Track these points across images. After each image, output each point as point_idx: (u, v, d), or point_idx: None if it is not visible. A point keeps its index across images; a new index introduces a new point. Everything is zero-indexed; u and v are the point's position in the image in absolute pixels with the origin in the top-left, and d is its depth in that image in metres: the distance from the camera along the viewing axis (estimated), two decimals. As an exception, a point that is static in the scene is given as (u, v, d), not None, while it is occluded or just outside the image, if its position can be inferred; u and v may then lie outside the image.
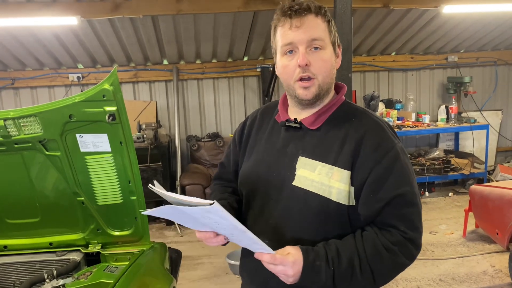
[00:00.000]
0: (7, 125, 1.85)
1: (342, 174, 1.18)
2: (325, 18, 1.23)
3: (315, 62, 1.19)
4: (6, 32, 4.55)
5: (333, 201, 1.18)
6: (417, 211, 1.20)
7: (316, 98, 1.23)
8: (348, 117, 1.26)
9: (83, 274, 1.90)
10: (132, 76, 5.80)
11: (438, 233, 4.59)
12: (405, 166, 1.20)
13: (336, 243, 1.17)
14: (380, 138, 1.21)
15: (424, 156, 6.10)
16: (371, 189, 1.17)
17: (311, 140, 1.26)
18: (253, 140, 1.41)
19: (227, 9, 4.36)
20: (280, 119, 1.34)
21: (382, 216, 1.18)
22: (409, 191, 1.18)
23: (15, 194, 2.10)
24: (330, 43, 1.22)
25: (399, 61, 6.42)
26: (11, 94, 5.73)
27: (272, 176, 1.28)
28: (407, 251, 1.17)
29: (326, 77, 1.22)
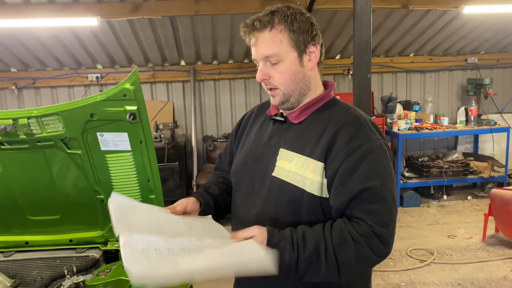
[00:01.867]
0: (30, 123, 1.88)
1: (316, 166, 1.22)
2: (283, 26, 1.22)
3: (274, 75, 1.26)
4: (28, 33, 4.64)
5: (306, 191, 1.22)
6: (387, 207, 1.18)
7: (283, 103, 1.31)
8: (330, 112, 1.30)
9: (103, 271, 1.91)
10: (150, 77, 5.86)
11: (457, 237, 4.52)
12: (378, 160, 1.21)
13: (304, 229, 1.18)
14: (355, 132, 1.22)
15: (442, 158, 6.02)
16: (340, 181, 1.19)
17: (293, 133, 1.32)
18: (246, 133, 1.49)
19: (244, 10, 4.37)
20: (270, 113, 1.42)
21: (350, 209, 1.19)
22: (378, 185, 1.18)
23: (36, 191, 2.13)
24: (290, 51, 1.23)
25: (417, 63, 6.34)
26: (32, 94, 5.84)
27: (257, 167, 1.35)
28: (373, 244, 1.16)
29: (289, 86, 1.27)
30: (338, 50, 5.99)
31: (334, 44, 5.79)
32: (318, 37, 1.29)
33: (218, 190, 1.54)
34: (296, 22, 1.23)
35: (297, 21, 1.23)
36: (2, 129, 1.86)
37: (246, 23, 1.25)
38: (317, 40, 1.27)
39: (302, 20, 1.24)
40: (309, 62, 1.28)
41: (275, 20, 1.21)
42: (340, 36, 5.54)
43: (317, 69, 1.32)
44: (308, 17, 1.27)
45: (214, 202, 1.48)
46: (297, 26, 1.23)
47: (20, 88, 5.75)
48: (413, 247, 4.28)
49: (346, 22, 5.12)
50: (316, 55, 1.28)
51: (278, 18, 1.21)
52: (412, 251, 4.20)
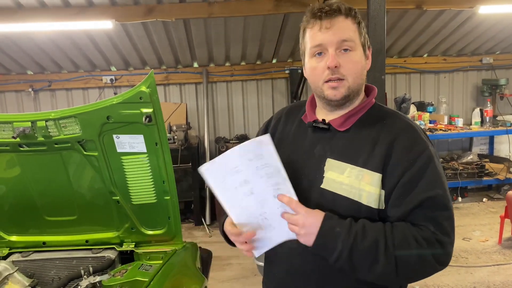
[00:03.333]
0: (48, 125, 1.92)
1: (373, 177, 1.15)
2: (355, 20, 1.21)
3: (345, 63, 1.18)
4: (44, 36, 4.72)
5: (363, 204, 1.16)
6: (449, 216, 1.15)
7: (345, 99, 1.21)
8: (379, 119, 1.24)
9: (119, 272, 1.94)
10: (164, 79, 5.91)
11: (472, 240, 4.46)
12: (438, 169, 1.17)
13: (364, 222, 1.14)
14: (413, 140, 1.18)
15: (457, 160, 5.95)
16: (402, 191, 1.14)
17: (339, 141, 1.23)
18: (278, 141, 1.34)
19: (258, 12, 4.39)
20: (307, 120, 1.32)
21: (411, 218, 1.14)
22: (441, 194, 1.14)
23: (54, 192, 2.17)
24: (360, 45, 1.21)
25: (431, 63, 6.28)
26: (48, 96, 5.94)
27: (300, 178, 1.24)
28: (435, 250, 1.11)
29: (356, 79, 1.20)
30: (351, 51, 5.95)
31: (347, 45, 5.75)
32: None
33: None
34: (363, 22, 1.24)
35: (363, 22, 1.25)
36: (21, 132, 1.90)
37: (326, 4, 1.19)
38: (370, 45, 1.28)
39: (364, 23, 1.26)
40: (368, 61, 1.26)
41: (352, 12, 1.20)
42: (353, 37, 5.50)
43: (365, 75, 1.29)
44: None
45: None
46: (363, 26, 1.24)
47: (37, 91, 5.84)
48: (427, 249, 4.24)
49: (359, 23, 5.10)
50: (370, 60, 1.27)
51: (353, 12, 1.21)
52: (427, 253, 4.15)
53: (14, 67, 5.62)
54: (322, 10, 1.19)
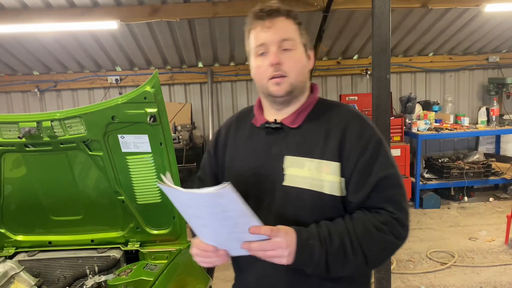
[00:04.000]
0: (53, 126, 1.93)
1: (331, 166, 1.21)
2: (296, 21, 1.26)
3: (286, 61, 1.23)
4: (50, 37, 4.74)
5: (326, 194, 1.21)
6: (403, 192, 1.24)
7: (288, 94, 1.25)
8: (327, 112, 1.30)
9: (124, 271, 1.95)
10: (168, 79, 5.92)
11: (478, 240, 4.43)
12: (388, 150, 1.26)
13: (327, 224, 1.18)
14: (361, 128, 1.24)
15: (463, 159, 5.92)
16: (359, 175, 1.20)
17: (294, 138, 1.27)
18: (231, 149, 1.39)
19: (262, 11, 4.38)
20: (258, 123, 1.34)
21: (371, 200, 1.20)
22: (394, 173, 1.23)
23: (59, 192, 2.18)
24: (301, 44, 1.26)
25: (437, 62, 6.25)
26: (54, 96, 5.97)
27: (261, 181, 1.27)
28: (396, 230, 1.19)
29: (298, 76, 1.25)
30: (355, 50, 5.95)
31: (352, 45, 5.75)
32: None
33: None
34: (303, 25, 1.29)
35: (303, 25, 1.29)
36: (27, 132, 1.91)
37: (266, 5, 1.24)
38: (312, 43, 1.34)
39: (304, 28, 1.31)
40: (310, 61, 1.31)
41: (291, 13, 1.26)
42: (358, 37, 5.50)
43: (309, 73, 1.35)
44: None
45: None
46: (304, 28, 1.29)
47: (42, 91, 5.88)
48: (433, 249, 4.22)
49: (364, 22, 5.08)
50: (312, 59, 1.32)
51: (293, 13, 1.26)
52: (432, 253, 4.14)
53: (20, 67, 5.65)
54: (263, 11, 1.24)
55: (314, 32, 4.91)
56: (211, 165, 1.46)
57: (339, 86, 6.30)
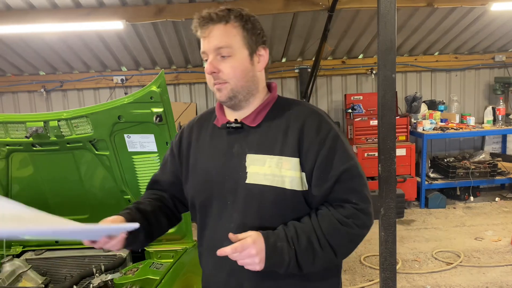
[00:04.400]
0: (60, 125, 1.95)
1: (291, 162, 1.24)
2: (238, 23, 1.24)
3: (224, 69, 1.24)
4: (56, 37, 4.77)
5: (287, 189, 1.24)
6: (364, 182, 1.28)
7: (230, 99, 1.28)
8: (285, 109, 1.33)
9: (130, 270, 1.96)
10: (174, 78, 5.93)
11: (484, 240, 4.41)
12: (346, 144, 1.29)
13: (294, 224, 1.23)
14: (319, 122, 1.28)
15: (468, 159, 5.88)
16: (320, 170, 1.24)
17: (254, 136, 1.30)
18: (195, 149, 1.41)
19: (267, 11, 4.38)
20: (219, 123, 1.36)
21: (334, 193, 1.24)
22: (353, 164, 1.26)
23: (66, 191, 2.19)
24: (243, 48, 1.25)
25: (442, 61, 6.22)
26: (60, 96, 6.00)
27: (225, 180, 1.30)
28: (360, 221, 1.24)
29: (239, 81, 1.25)
30: (360, 49, 5.93)
31: (357, 44, 5.74)
32: (267, 42, 1.33)
33: (150, 207, 1.42)
34: (250, 23, 1.26)
35: (251, 22, 1.26)
36: (34, 131, 1.93)
37: (201, 15, 1.25)
38: (266, 44, 1.32)
39: (254, 22, 1.28)
40: (259, 64, 1.30)
41: (231, 16, 1.24)
42: (363, 36, 5.48)
43: (264, 72, 1.34)
44: (258, 22, 1.30)
45: (144, 220, 1.35)
46: (250, 26, 1.26)
47: (49, 91, 5.91)
48: (438, 249, 4.21)
49: (369, 21, 5.07)
50: (265, 58, 1.31)
51: (234, 15, 1.24)
52: (438, 253, 4.12)
53: (26, 68, 5.69)
54: (200, 19, 1.25)
55: (319, 32, 4.91)
56: (173, 165, 1.47)
57: (344, 86, 6.29)
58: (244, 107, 1.32)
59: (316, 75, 5.47)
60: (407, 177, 5.42)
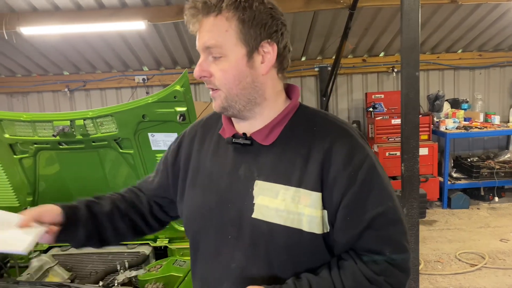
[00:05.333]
0: (86, 124, 1.98)
1: (311, 197, 0.97)
2: (232, 13, 0.96)
3: (215, 72, 0.99)
4: (80, 37, 4.86)
5: (305, 231, 0.97)
6: (403, 229, 1.01)
7: (224, 110, 1.03)
8: (307, 125, 1.04)
9: (154, 267, 1.98)
10: (194, 78, 5.96)
11: (510, 241, 4.31)
12: (383, 177, 1.01)
13: (309, 278, 0.97)
14: (350, 148, 0.99)
15: (493, 159, 5.76)
16: (347, 211, 0.97)
17: (266, 158, 1.02)
18: (195, 162, 1.14)
19: (288, 10, 4.37)
20: (225, 134, 1.08)
21: (364, 241, 0.98)
22: (391, 206, 0.99)
23: (90, 189, 2.22)
24: (237, 46, 0.97)
25: (466, 59, 6.11)
26: (83, 95, 6.12)
27: (226, 208, 1.04)
28: (394, 279, 0.98)
29: (232, 89, 0.99)
30: (382, 47, 5.87)
31: (378, 42, 5.67)
32: (280, 35, 1.00)
33: (109, 207, 1.20)
34: (250, 11, 0.96)
35: (252, 10, 0.96)
36: (61, 130, 1.97)
37: (190, 4, 0.99)
38: (275, 38, 0.99)
39: (259, 10, 0.97)
40: (262, 65, 1.00)
41: (222, 5, 0.96)
42: (384, 34, 5.42)
43: (276, 75, 1.04)
44: (270, 8, 0.99)
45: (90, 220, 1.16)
46: (250, 16, 0.96)
47: (72, 90, 6.04)
48: (462, 250, 4.13)
49: (391, 19, 5.01)
50: (271, 57, 1.00)
51: (227, 2, 0.96)
52: (462, 254, 4.04)
53: (51, 68, 5.82)
54: (191, 7, 0.99)
55: (339, 30, 4.87)
56: (162, 177, 1.24)
57: (365, 84, 6.23)
58: (250, 118, 1.05)
59: (336, 74, 5.43)
60: (429, 177, 5.33)
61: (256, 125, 1.05)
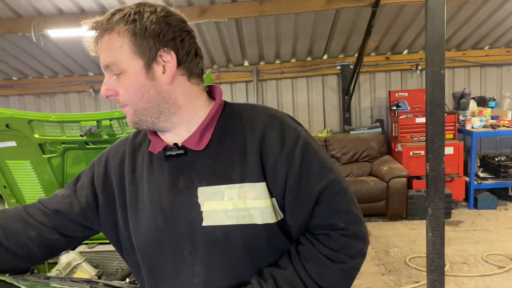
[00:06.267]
0: (112, 124, 2.03)
1: (257, 188, 0.97)
2: (124, 27, 0.95)
3: (119, 89, 0.99)
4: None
5: (259, 224, 0.97)
6: (350, 198, 1.01)
7: (138, 124, 1.02)
8: (236, 121, 1.03)
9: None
10: (215, 78, 6.02)
11: (540, 243, 4.18)
12: (319, 150, 1.02)
13: (272, 272, 0.98)
14: (281, 131, 1.00)
15: (522, 158, 5.59)
16: (294, 193, 0.98)
17: (204, 163, 1.01)
18: (131, 186, 1.08)
19: (310, 8, 4.36)
20: (155, 149, 1.05)
21: (316, 219, 0.99)
22: (333, 178, 0.99)
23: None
24: (133, 60, 0.96)
25: (493, 56, 5.95)
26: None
27: (175, 224, 1.01)
28: (353, 250, 1.00)
29: (136, 104, 0.99)
30: (405, 45, 5.78)
31: (401, 39, 5.59)
32: (180, 42, 0.98)
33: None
34: (141, 23, 0.95)
35: (143, 22, 0.95)
36: (88, 130, 2.02)
37: (88, 28, 0.99)
38: (172, 46, 0.97)
39: (150, 20, 0.96)
40: (164, 75, 0.98)
41: (113, 21, 0.96)
42: (408, 31, 5.34)
43: (187, 81, 1.01)
44: (164, 16, 0.98)
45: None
46: (141, 27, 0.95)
47: (97, 91, 6.16)
48: (489, 252, 4.03)
49: (414, 16, 4.93)
50: (172, 65, 0.97)
51: (117, 18, 0.95)
52: (489, 256, 3.95)
53: (76, 69, 5.96)
54: (87, 37, 1.00)
55: (362, 28, 4.82)
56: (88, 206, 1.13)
57: (388, 82, 6.15)
58: (172, 127, 1.03)
59: (359, 72, 5.38)
60: (454, 177, 5.23)
61: (183, 133, 1.03)
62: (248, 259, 1.00)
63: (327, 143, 5.72)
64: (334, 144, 5.72)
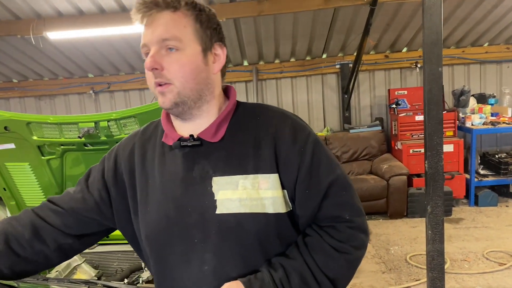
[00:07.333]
0: (110, 125, 2.03)
1: (270, 180, 1.02)
2: (190, 12, 1.01)
3: (169, 65, 0.99)
4: (104, 40, 4.97)
5: (271, 213, 1.02)
6: (354, 193, 1.10)
7: (175, 106, 1.02)
8: (250, 117, 1.10)
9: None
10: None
11: (541, 240, 4.18)
12: (326, 149, 1.11)
13: (281, 261, 1.03)
14: (293, 128, 1.07)
15: (522, 155, 5.59)
16: (304, 185, 1.04)
17: (219, 154, 1.05)
18: (141, 179, 1.11)
19: (308, 7, 4.36)
20: (170, 140, 1.08)
21: (323, 211, 1.06)
22: (340, 174, 1.07)
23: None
24: (194, 42, 1.01)
25: (492, 53, 5.94)
26: (107, 97, 6.25)
27: (187, 213, 1.04)
28: (358, 242, 1.07)
29: (187, 83, 1.00)
30: (404, 43, 5.77)
31: (400, 37, 5.58)
32: (225, 41, 1.10)
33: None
34: (205, 14, 1.04)
35: (206, 14, 1.04)
36: (86, 132, 2.03)
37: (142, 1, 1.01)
38: (224, 43, 1.09)
39: (211, 14, 1.05)
40: (214, 64, 1.06)
41: (181, 3, 1.01)
42: (406, 29, 5.33)
43: (220, 77, 1.10)
44: (216, 16, 1.08)
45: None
46: (205, 18, 1.04)
47: (97, 92, 6.17)
48: (490, 249, 4.03)
49: (413, 14, 4.92)
50: (221, 59, 1.08)
51: (185, 2, 1.01)
52: (490, 253, 3.95)
53: (76, 71, 5.97)
54: (141, 4, 1.00)
55: (360, 27, 4.82)
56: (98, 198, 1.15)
57: (388, 80, 6.15)
58: (197, 117, 1.07)
59: (358, 70, 5.38)
60: (455, 174, 5.22)
61: (202, 124, 1.07)
62: (259, 248, 1.03)
63: (327, 141, 5.72)
64: (334, 143, 5.72)
